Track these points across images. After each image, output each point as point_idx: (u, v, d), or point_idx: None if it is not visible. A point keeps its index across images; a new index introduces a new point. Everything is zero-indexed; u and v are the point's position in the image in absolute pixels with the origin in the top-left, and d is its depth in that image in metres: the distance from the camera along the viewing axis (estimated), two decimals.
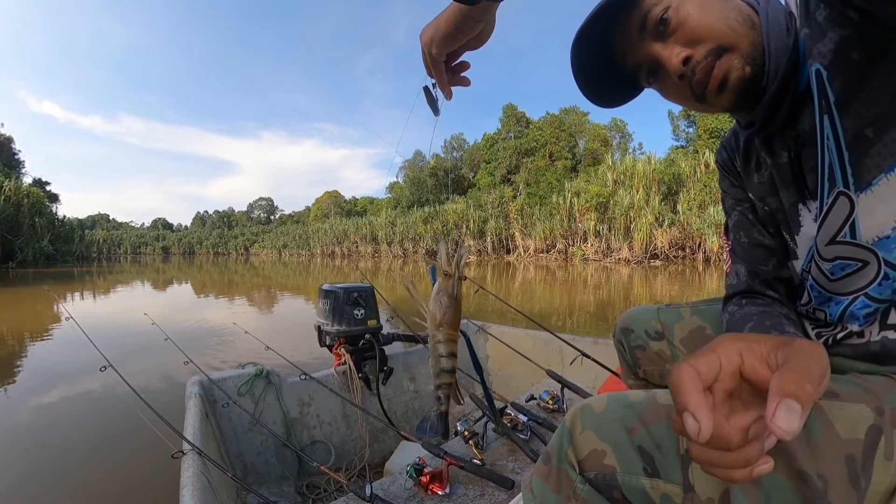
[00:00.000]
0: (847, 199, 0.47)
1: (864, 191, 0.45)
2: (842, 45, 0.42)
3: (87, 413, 2.57)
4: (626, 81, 0.61)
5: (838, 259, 0.50)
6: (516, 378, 2.20)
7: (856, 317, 0.52)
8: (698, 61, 0.51)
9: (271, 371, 1.66)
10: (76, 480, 1.83)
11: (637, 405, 0.49)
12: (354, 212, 54.92)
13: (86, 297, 8.80)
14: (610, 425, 0.49)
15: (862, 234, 0.47)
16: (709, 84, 0.51)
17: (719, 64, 0.50)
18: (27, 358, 3.89)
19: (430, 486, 1.05)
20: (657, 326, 0.82)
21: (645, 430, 0.47)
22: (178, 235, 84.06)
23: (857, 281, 0.50)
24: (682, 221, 18.49)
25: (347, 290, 1.83)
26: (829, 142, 0.46)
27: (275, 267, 24.74)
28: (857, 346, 0.53)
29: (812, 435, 0.42)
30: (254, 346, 2.05)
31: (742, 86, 0.51)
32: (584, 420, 0.50)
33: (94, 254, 51.13)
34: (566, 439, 0.51)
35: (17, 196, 24.02)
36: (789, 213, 0.58)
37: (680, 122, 30.17)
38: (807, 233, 0.56)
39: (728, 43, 0.50)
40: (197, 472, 0.99)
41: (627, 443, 0.47)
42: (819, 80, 0.45)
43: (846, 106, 0.43)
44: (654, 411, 0.48)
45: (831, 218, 0.49)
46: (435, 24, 0.54)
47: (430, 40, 0.54)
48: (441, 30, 0.53)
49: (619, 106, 0.66)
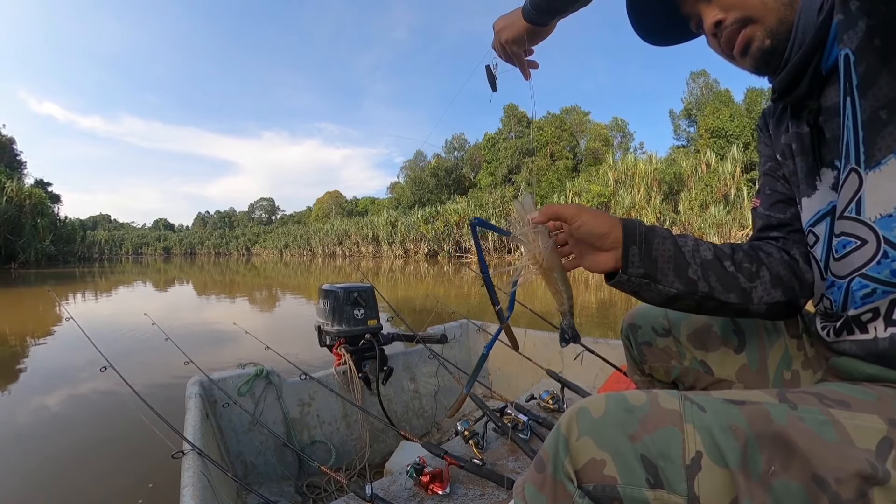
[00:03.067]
0: (857, 175, 0.49)
1: (873, 168, 0.47)
2: (868, 32, 0.45)
3: (87, 413, 2.57)
4: (682, 24, 0.67)
5: (843, 235, 0.52)
6: (516, 378, 2.19)
7: (853, 299, 0.52)
8: (727, 26, 0.58)
9: (271, 371, 1.66)
10: (76, 481, 1.84)
11: (639, 409, 0.47)
12: (355, 212, 54.95)
13: (87, 298, 8.82)
14: (609, 431, 0.46)
15: (866, 210, 0.49)
16: (734, 48, 0.59)
17: (743, 32, 0.57)
18: (28, 358, 3.90)
19: (430, 486, 1.05)
20: (664, 323, 0.82)
21: (648, 437, 0.45)
22: (179, 236, 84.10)
23: (855, 260, 0.51)
24: (683, 221, 18.45)
25: (347, 290, 1.83)
26: (848, 121, 0.49)
27: (276, 267, 24.77)
28: (863, 342, 0.52)
29: (829, 439, 0.41)
30: (254, 346, 2.04)
31: (761, 55, 0.57)
32: (581, 425, 0.47)
33: (95, 254, 51.10)
34: (562, 447, 0.48)
35: (19, 197, 24.07)
36: (804, 178, 0.62)
37: (681, 121, 30.15)
38: (818, 198, 0.59)
39: (755, 15, 0.56)
40: (197, 473, 0.99)
41: (629, 451, 0.44)
42: (847, 64, 0.48)
43: (866, 89, 0.46)
44: (657, 416, 0.46)
45: (843, 193, 0.52)
46: (511, 25, 0.74)
47: (510, 40, 0.75)
48: (520, 34, 0.73)
49: (670, 45, 0.72)
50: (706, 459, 0.43)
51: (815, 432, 0.42)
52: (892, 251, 0.48)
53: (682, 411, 0.46)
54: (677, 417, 0.45)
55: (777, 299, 0.62)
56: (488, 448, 1.25)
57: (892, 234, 0.47)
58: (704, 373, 0.78)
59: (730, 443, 0.43)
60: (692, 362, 0.79)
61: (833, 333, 0.57)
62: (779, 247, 0.67)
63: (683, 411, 0.46)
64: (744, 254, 0.63)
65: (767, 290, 0.62)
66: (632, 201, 20.23)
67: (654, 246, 0.60)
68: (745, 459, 0.42)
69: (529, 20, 0.71)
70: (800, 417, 0.43)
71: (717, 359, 0.76)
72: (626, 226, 0.60)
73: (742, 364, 0.74)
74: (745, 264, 0.62)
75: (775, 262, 0.64)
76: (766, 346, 0.73)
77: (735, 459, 0.42)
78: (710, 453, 0.43)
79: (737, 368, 0.75)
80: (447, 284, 11.10)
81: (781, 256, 0.65)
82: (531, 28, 0.72)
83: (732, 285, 0.61)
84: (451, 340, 2.26)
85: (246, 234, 70.23)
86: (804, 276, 0.63)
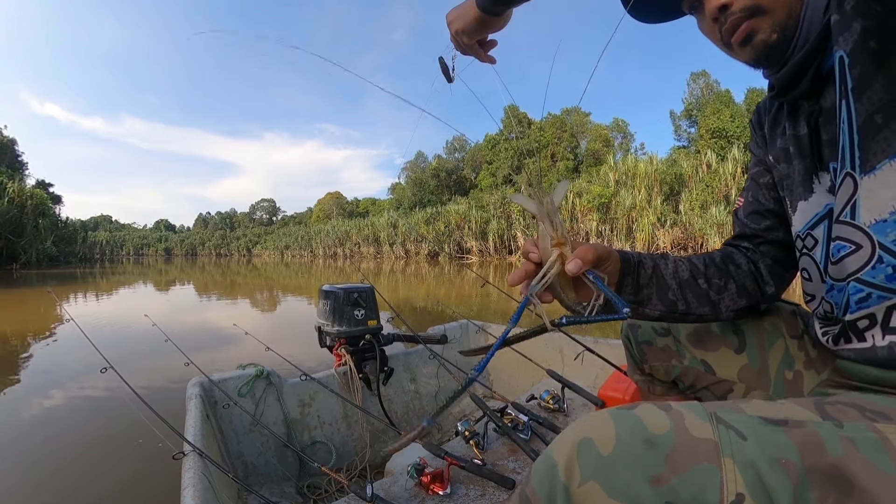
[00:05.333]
0: (852, 180, 0.48)
1: (868, 174, 0.46)
2: (863, 34, 0.44)
3: (87, 414, 2.57)
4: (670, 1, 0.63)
5: (838, 239, 0.52)
6: (516, 378, 2.19)
7: (849, 304, 0.52)
8: (732, 12, 0.54)
9: (272, 372, 1.66)
10: (76, 481, 1.84)
11: (662, 441, 0.36)
12: (356, 213, 54.98)
13: (88, 299, 8.82)
14: (624, 474, 0.35)
15: (861, 215, 0.48)
16: (734, 36, 0.55)
17: (749, 22, 0.54)
18: (29, 359, 3.91)
19: (430, 487, 1.05)
20: (664, 323, 0.82)
21: (677, 481, 0.34)
22: (180, 237, 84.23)
23: (849, 265, 0.51)
24: (684, 221, 18.43)
25: (348, 291, 1.83)
26: (843, 125, 0.48)
27: (277, 268, 24.78)
28: (861, 351, 0.52)
29: (887, 470, 0.35)
30: (254, 347, 2.04)
31: (764, 49, 0.55)
32: (584, 463, 0.37)
33: (96, 255, 51.21)
34: (561, 496, 0.37)
35: (20, 198, 24.09)
36: (801, 181, 0.60)
37: (682, 122, 30.14)
38: (815, 201, 0.58)
39: (765, 5, 0.53)
40: (198, 473, 0.99)
41: (651, 500, 0.34)
42: (842, 66, 0.47)
43: (861, 92, 0.45)
44: (687, 449, 0.36)
45: (839, 197, 0.51)
46: (462, 16, 0.70)
47: (461, 30, 0.70)
48: (470, 25, 0.69)
49: (655, 23, 0.68)
50: None
51: (874, 465, 0.35)
52: (887, 256, 0.47)
53: (719, 440, 0.36)
54: (713, 449, 0.36)
55: (742, 306, 0.71)
56: (489, 448, 1.25)
57: (886, 240, 0.47)
58: (705, 372, 0.78)
59: (780, 481, 0.34)
60: (692, 361, 0.79)
61: (832, 341, 0.57)
62: (748, 258, 0.73)
63: (720, 440, 0.36)
64: (715, 268, 0.70)
65: (734, 299, 0.70)
66: (633, 202, 20.21)
67: (641, 276, 0.67)
68: (797, 501, 0.34)
69: (483, 8, 0.67)
70: (852, 440, 0.37)
71: (719, 358, 0.77)
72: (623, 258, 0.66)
73: (743, 364, 0.74)
74: (715, 280, 0.70)
75: (742, 275, 0.71)
76: (766, 346, 0.73)
77: (787, 502, 0.34)
78: (753, 494, 0.34)
79: (738, 368, 0.75)
80: (448, 285, 11.09)
81: (749, 268, 0.71)
82: (482, 17, 0.67)
83: (705, 300, 0.69)
84: (452, 341, 2.26)
85: (247, 234, 70.32)
86: (765, 289, 0.71)
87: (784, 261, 0.71)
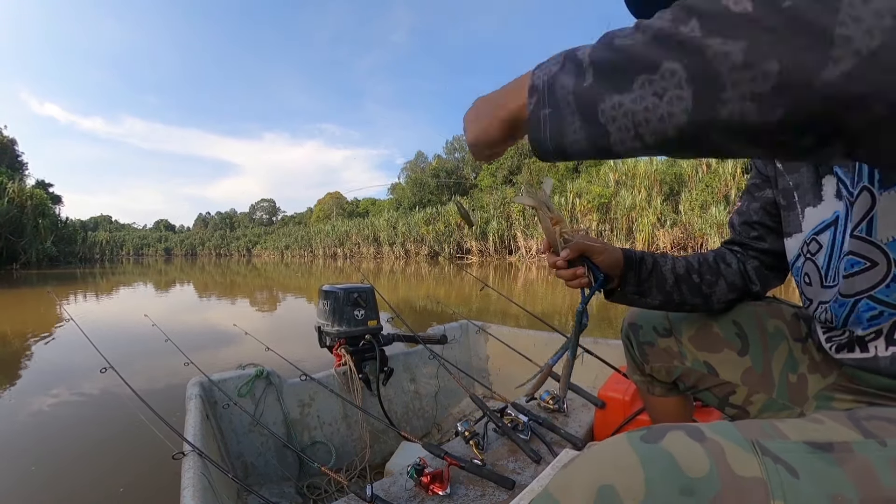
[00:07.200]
0: (870, 194, 0.47)
1: (887, 189, 0.45)
2: None
3: (87, 414, 2.57)
4: None
5: (852, 254, 0.50)
6: (516, 378, 2.19)
7: (860, 320, 0.51)
8: None
9: (272, 372, 1.66)
10: (76, 481, 1.84)
11: (703, 488, 0.30)
12: (356, 213, 54.96)
13: (88, 299, 8.82)
14: None
15: (878, 231, 0.47)
16: None
17: None
18: (28, 359, 3.90)
19: (430, 487, 1.04)
20: (665, 323, 0.83)
21: None
22: (180, 237, 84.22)
23: (862, 282, 0.49)
24: (684, 222, 18.44)
25: (347, 291, 1.83)
26: None
27: (277, 268, 24.78)
28: (863, 360, 0.52)
29: None
30: (254, 347, 2.04)
31: None
32: None
33: (96, 255, 51.17)
34: None
35: (20, 198, 24.10)
36: (811, 188, 0.60)
37: None
38: (823, 208, 0.58)
39: None
40: (198, 473, 0.99)
41: None
42: None
43: None
44: (736, 496, 0.30)
45: (855, 211, 0.49)
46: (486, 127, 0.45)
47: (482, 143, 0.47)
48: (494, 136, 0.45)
49: None
50: None
51: None
52: None
53: (768, 480, 0.31)
54: (762, 492, 0.30)
55: (731, 298, 0.78)
56: (489, 448, 1.25)
57: None
58: (708, 373, 0.78)
59: None
60: (695, 363, 0.79)
61: (835, 350, 0.58)
62: (738, 259, 0.79)
63: (769, 479, 0.31)
64: (708, 266, 0.78)
65: (724, 293, 0.77)
66: (632, 202, 20.22)
67: (642, 271, 0.76)
68: None
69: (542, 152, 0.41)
70: None
71: (722, 360, 0.77)
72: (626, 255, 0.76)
73: (747, 367, 0.74)
74: (707, 276, 0.77)
75: (732, 273, 0.77)
76: (770, 348, 0.73)
77: None
78: None
79: (741, 371, 0.75)
80: (448, 285, 11.09)
81: (738, 268, 0.78)
82: (510, 124, 0.43)
83: (697, 293, 0.76)
84: (452, 341, 2.26)
85: (247, 234, 70.35)
86: (751, 287, 0.78)
87: (770, 266, 0.76)
